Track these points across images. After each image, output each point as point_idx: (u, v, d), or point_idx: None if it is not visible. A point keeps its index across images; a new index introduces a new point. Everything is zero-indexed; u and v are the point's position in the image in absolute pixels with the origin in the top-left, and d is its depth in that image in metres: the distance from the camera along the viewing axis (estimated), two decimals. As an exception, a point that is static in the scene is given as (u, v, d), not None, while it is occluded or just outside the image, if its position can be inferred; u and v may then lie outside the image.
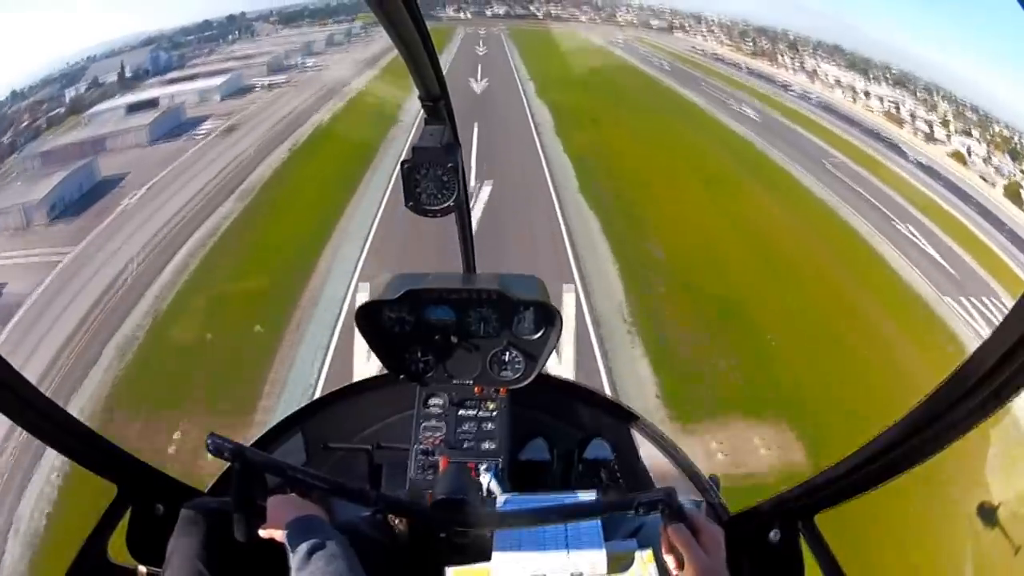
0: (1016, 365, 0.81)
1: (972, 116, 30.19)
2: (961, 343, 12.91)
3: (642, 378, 10.82)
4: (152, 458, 1.50)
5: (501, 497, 1.69)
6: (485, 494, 1.80)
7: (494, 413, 2.06)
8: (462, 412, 2.06)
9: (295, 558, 1.18)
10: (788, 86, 36.86)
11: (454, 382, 2.10)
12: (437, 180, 1.55)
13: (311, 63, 37.58)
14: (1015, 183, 23.56)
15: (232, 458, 1.18)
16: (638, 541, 1.40)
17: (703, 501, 1.81)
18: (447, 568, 1.40)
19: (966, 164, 26.20)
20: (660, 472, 2.11)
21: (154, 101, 26.86)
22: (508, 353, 2.07)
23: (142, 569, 1.49)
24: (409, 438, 2.06)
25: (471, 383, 2.09)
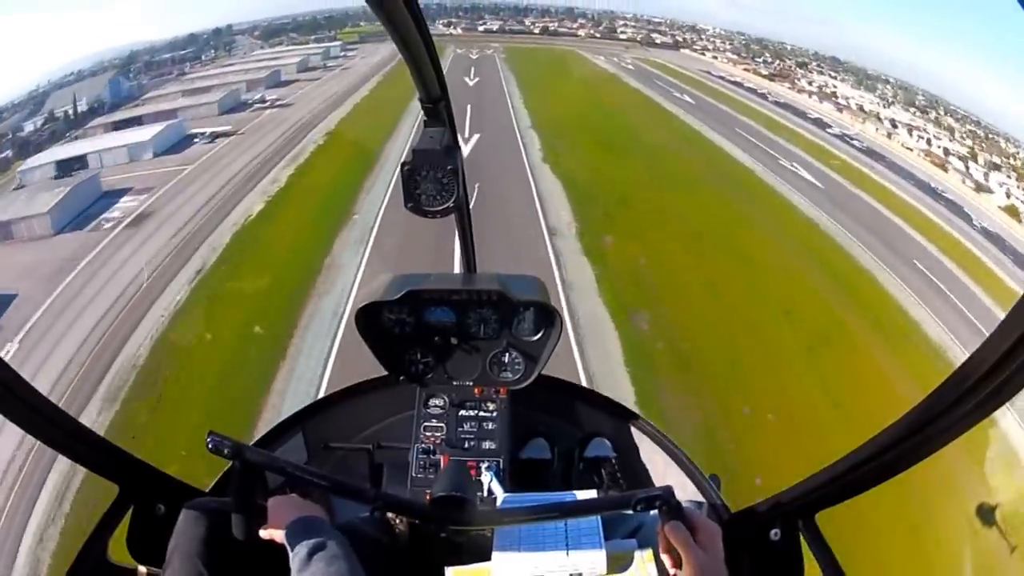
0: (1016, 365, 0.81)
1: (1005, 146, 27.73)
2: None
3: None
4: (152, 458, 1.50)
5: (501, 497, 1.69)
6: (486, 494, 1.80)
7: (494, 413, 2.06)
8: (462, 412, 2.06)
9: (295, 559, 1.18)
10: (825, 124, 33.90)
11: (454, 383, 2.10)
12: (437, 182, 1.54)
13: (274, 97, 33.19)
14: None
15: (232, 456, 1.18)
16: (637, 541, 1.40)
17: (704, 502, 1.81)
18: (447, 568, 1.40)
19: (1021, 220, 23.71)
20: (660, 471, 2.11)
21: (82, 160, 23.53)
22: (508, 354, 2.07)
23: (142, 569, 1.49)
24: (410, 438, 2.06)
25: (471, 384, 2.09)
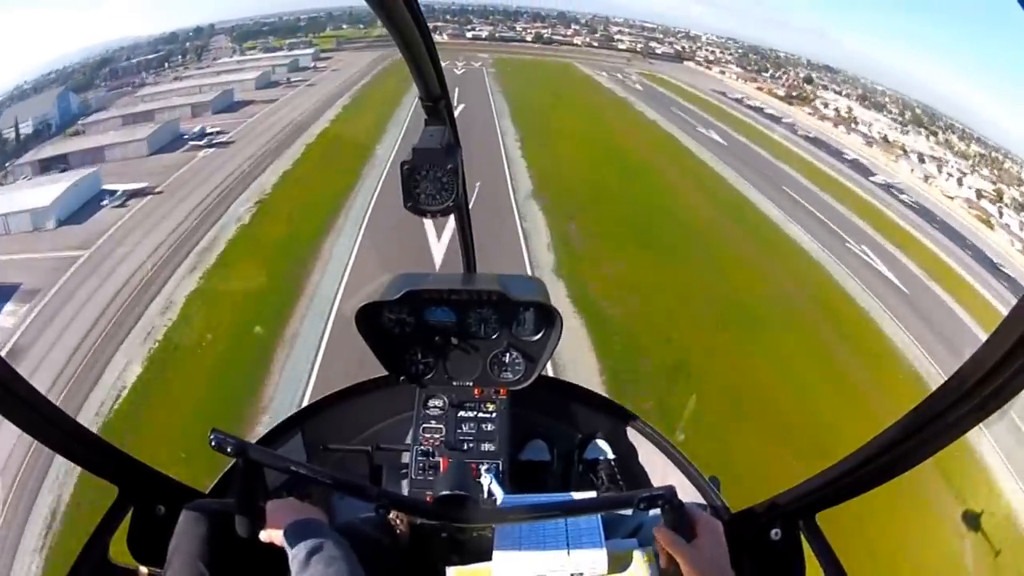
0: (1016, 365, 0.82)
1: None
2: None
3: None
4: (152, 458, 1.50)
5: (501, 498, 1.69)
6: (486, 495, 1.80)
7: (494, 414, 2.05)
8: (462, 413, 2.06)
9: (295, 560, 1.19)
10: (869, 171, 29.50)
11: (454, 383, 2.09)
12: (436, 181, 1.53)
13: (215, 130, 26.44)
14: None
15: (235, 454, 1.18)
16: (638, 540, 1.40)
17: (705, 504, 1.81)
18: (448, 568, 1.40)
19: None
20: (659, 472, 2.11)
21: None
22: (508, 354, 2.07)
23: (143, 570, 1.49)
24: (409, 439, 2.05)
25: (471, 384, 2.09)
